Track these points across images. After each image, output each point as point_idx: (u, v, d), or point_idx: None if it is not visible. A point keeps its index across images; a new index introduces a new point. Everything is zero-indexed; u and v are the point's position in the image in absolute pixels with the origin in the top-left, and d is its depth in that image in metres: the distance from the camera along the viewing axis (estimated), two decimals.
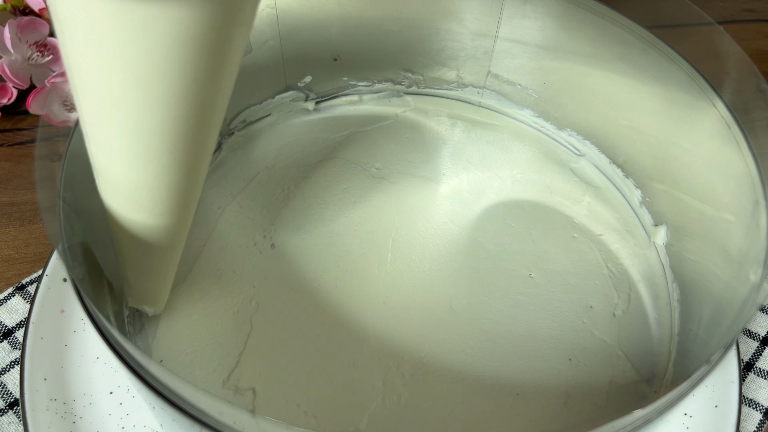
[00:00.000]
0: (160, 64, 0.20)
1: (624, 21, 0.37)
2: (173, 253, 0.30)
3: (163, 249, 0.28)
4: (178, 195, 0.25)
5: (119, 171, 0.24)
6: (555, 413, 0.33)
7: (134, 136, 0.22)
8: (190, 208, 0.27)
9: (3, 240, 0.41)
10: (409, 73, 0.48)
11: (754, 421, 0.35)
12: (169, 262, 0.30)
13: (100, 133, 0.23)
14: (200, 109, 0.22)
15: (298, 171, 0.44)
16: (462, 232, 0.41)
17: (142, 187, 0.24)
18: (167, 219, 0.26)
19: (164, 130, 0.22)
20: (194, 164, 0.24)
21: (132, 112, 0.21)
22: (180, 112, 0.21)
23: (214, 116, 0.23)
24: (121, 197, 0.25)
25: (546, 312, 0.37)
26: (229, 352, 0.34)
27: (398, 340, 0.35)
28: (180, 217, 0.27)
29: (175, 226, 0.27)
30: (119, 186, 0.25)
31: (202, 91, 0.21)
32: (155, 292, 0.32)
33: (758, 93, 0.33)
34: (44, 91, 0.43)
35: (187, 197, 0.26)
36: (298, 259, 0.39)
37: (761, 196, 0.31)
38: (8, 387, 0.34)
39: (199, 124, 0.23)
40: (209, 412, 0.22)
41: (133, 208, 0.26)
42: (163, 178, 0.24)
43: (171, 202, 0.25)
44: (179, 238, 0.29)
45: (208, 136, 0.24)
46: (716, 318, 0.32)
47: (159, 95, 0.21)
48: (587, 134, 0.45)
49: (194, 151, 0.24)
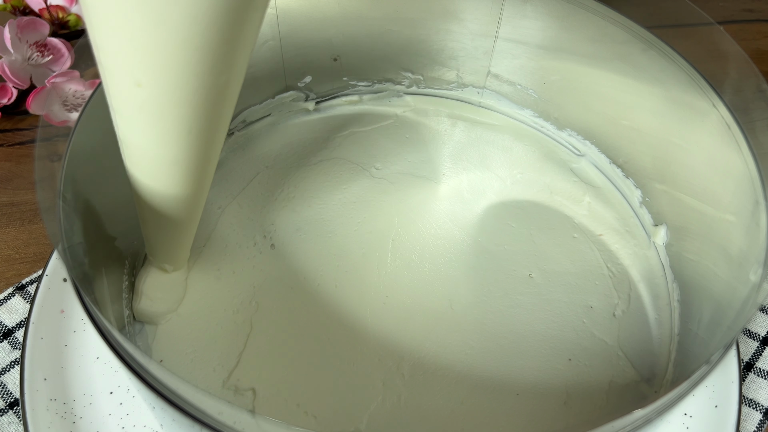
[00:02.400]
0: (183, 40, 0.21)
1: (624, 21, 0.37)
2: (190, 218, 0.31)
3: (180, 215, 0.30)
4: (195, 167, 0.27)
5: (142, 143, 0.26)
6: (555, 413, 0.33)
7: (157, 112, 0.24)
8: (206, 180, 0.29)
9: (3, 240, 0.41)
10: (409, 73, 0.48)
11: (754, 421, 0.35)
12: (186, 227, 0.32)
13: (124, 108, 0.24)
14: (217, 87, 0.24)
15: (298, 171, 0.44)
16: (462, 232, 0.41)
17: (163, 159, 0.26)
18: (185, 188, 0.28)
19: (185, 107, 0.24)
20: (211, 140, 0.26)
21: (155, 89, 0.23)
22: (199, 91, 0.23)
23: (229, 96, 0.25)
24: (143, 167, 0.27)
25: (546, 312, 0.37)
26: (229, 352, 0.34)
27: (398, 340, 0.35)
28: (196, 187, 0.28)
29: (191, 196, 0.29)
30: (141, 156, 0.27)
31: (219, 69, 0.23)
32: (175, 252, 0.34)
33: (758, 93, 0.33)
34: (44, 91, 0.43)
35: (203, 169, 0.28)
36: (298, 259, 0.39)
37: (761, 196, 0.31)
38: (8, 387, 0.34)
39: (215, 102, 0.24)
40: (209, 412, 0.22)
41: (155, 177, 0.27)
42: (183, 151, 0.26)
43: (188, 174, 0.27)
44: (196, 206, 0.30)
45: (224, 114, 0.26)
46: (716, 318, 0.32)
47: (181, 74, 0.22)
48: (587, 134, 0.45)
49: (211, 127, 0.25)
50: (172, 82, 0.23)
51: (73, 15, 0.52)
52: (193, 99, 0.24)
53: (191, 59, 0.22)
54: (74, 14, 0.52)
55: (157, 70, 0.22)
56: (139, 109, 0.24)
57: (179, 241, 0.33)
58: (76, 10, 0.52)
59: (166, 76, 0.22)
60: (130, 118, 0.25)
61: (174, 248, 0.34)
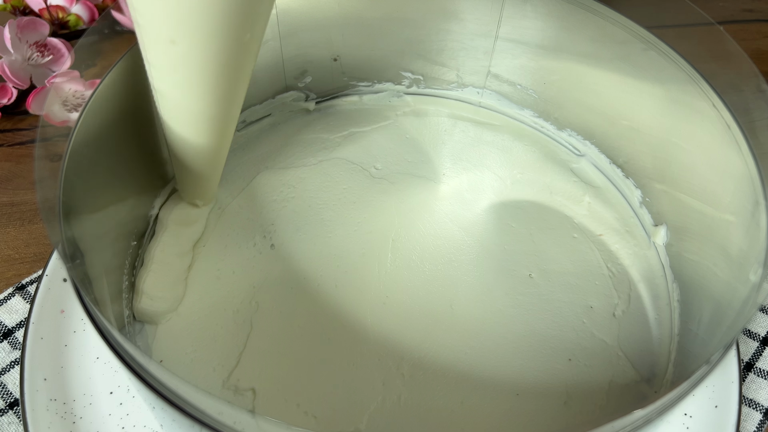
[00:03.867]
0: (212, 2, 0.25)
1: (624, 21, 0.37)
2: (217, 159, 0.35)
3: (208, 155, 0.34)
4: (221, 115, 0.31)
5: (176, 93, 0.30)
6: (555, 413, 0.33)
7: (189, 66, 0.28)
8: (230, 127, 0.33)
9: (3, 240, 0.41)
10: (409, 73, 0.48)
11: (754, 421, 0.35)
12: (214, 167, 0.36)
13: (160, 62, 0.28)
14: (241, 45, 0.28)
15: (298, 171, 0.44)
16: (462, 232, 0.41)
17: (194, 107, 0.30)
18: (212, 133, 0.32)
19: (214, 61, 0.28)
20: (235, 91, 0.31)
21: (188, 45, 0.26)
22: (226, 47, 0.27)
23: (251, 54, 0.29)
24: (176, 114, 0.31)
25: (546, 312, 0.37)
26: (229, 352, 0.35)
27: (398, 340, 0.35)
28: (222, 132, 0.33)
29: (218, 139, 0.33)
30: (175, 105, 0.31)
31: (243, 28, 0.27)
32: (204, 189, 0.38)
33: (758, 93, 0.33)
34: (44, 91, 0.43)
35: (228, 118, 0.32)
36: (297, 259, 0.39)
37: (761, 196, 0.31)
38: (8, 387, 0.34)
39: (239, 58, 0.28)
40: (209, 412, 0.22)
41: (186, 123, 0.31)
42: (211, 100, 0.30)
43: (215, 120, 0.31)
44: (221, 148, 0.34)
45: (245, 69, 0.30)
46: (716, 318, 0.32)
47: (210, 32, 0.26)
48: (587, 134, 0.44)
49: (235, 79, 0.30)
50: (202, 40, 0.26)
51: (73, 15, 0.52)
52: (220, 54, 0.27)
53: (219, 19, 0.26)
54: (74, 14, 0.52)
55: (189, 29, 0.26)
56: (173, 63, 0.28)
57: (208, 179, 0.37)
58: (76, 10, 0.52)
59: (197, 34, 0.26)
60: (164, 71, 0.29)
61: (203, 186, 0.38)
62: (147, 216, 0.39)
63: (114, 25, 0.44)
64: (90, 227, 0.31)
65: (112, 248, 0.35)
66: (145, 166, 0.38)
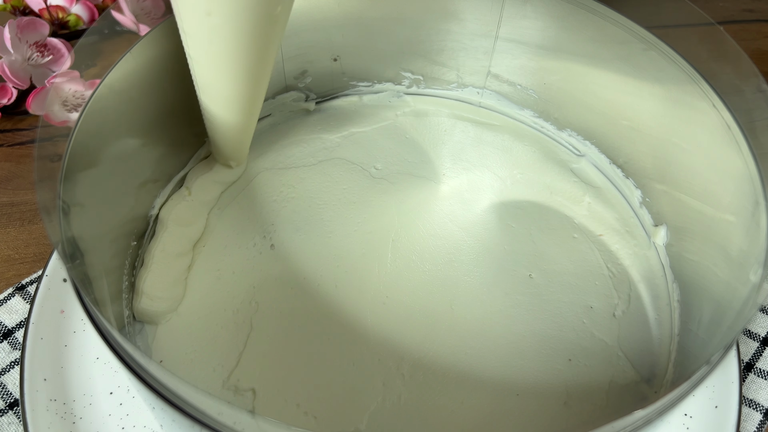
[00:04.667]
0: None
1: (624, 21, 0.37)
2: (248, 124, 0.38)
3: (240, 120, 0.37)
4: (252, 81, 0.34)
5: (211, 62, 0.32)
6: (555, 413, 0.33)
7: (224, 36, 0.30)
8: (260, 93, 0.36)
9: (3, 240, 0.41)
10: (409, 73, 0.48)
11: (754, 421, 0.35)
12: (245, 130, 0.39)
13: (196, 32, 0.31)
14: (272, 18, 0.31)
15: (298, 171, 0.44)
16: (462, 232, 0.41)
17: (228, 74, 0.33)
18: (244, 99, 0.35)
19: (247, 32, 0.30)
20: (265, 60, 0.33)
21: (223, 17, 0.29)
22: (259, 18, 0.30)
23: (280, 25, 0.32)
24: (210, 80, 0.34)
25: (546, 312, 0.37)
26: (229, 352, 0.35)
27: (398, 341, 0.35)
28: (253, 98, 0.36)
29: (249, 105, 0.36)
30: (210, 72, 0.33)
31: (274, 1, 0.30)
32: (236, 151, 0.40)
33: (758, 93, 0.33)
34: (44, 91, 0.43)
35: (258, 84, 0.35)
36: (297, 260, 0.39)
37: (761, 196, 0.31)
38: (8, 387, 0.34)
39: (270, 28, 0.31)
40: (209, 412, 0.22)
41: (220, 89, 0.34)
42: (243, 68, 0.32)
43: (247, 86, 0.34)
44: (251, 115, 0.37)
45: (275, 39, 0.33)
46: (716, 318, 0.32)
47: (244, 4, 0.29)
48: (587, 134, 0.44)
49: (266, 48, 0.32)
50: (237, 12, 0.29)
51: (73, 15, 0.52)
52: (253, 25, 0.30)
53: (254, 19, 0.29)
54: (74, 14, 0.52)
55: (225, 1, 0.28)
56: (208, 33, 0.30)
57: (240, 141, 0.39)
58: (76, 10, 0.52)
59: (232, 6, 0.28)
60: (200, 41, 0.31)
61: (236, 148, 0.40)
62: (147, 216, 0.39)
63: (114, 25, 0.44)
64: (90, 227, 0.31)
65: (112, 248, 0.35)
66: (145, 166, 0.38)
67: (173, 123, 0.39)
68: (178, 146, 0.41)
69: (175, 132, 0.39)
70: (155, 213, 0.39)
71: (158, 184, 0.40)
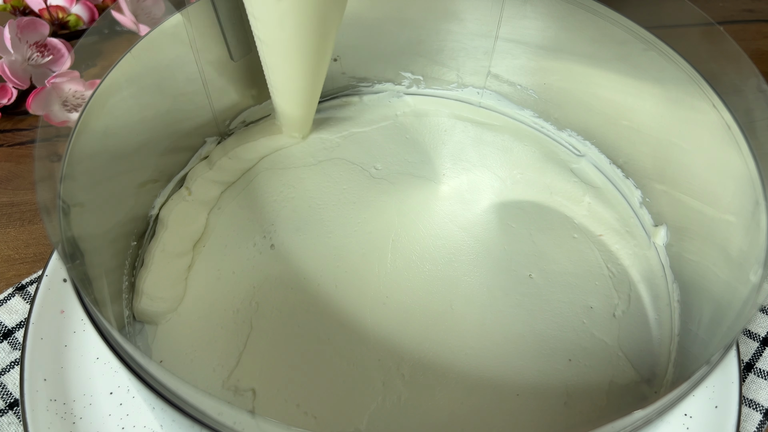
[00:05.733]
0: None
1: (624, 21, 0.37)
2: (312, 99, 0.41)
3: (304, 97, 0.40)
4: (316, 61, 0.37)
5: (281, 44, 0.35)
6: (555, 413, 0.33)
7: (294, 20, 0.33)
8: (322, 73, 0.39)
9: (3, 240, 0.41)
10: (409, 73, 0.48)
11: (754, 421, 0.35)
12: (309, 105, 0.42)
13: (267, 17, 0.34)
14: (331, 22, 0.35)
15: (298, 171, 0.44)
16: (462, 232, 0.41)
17: (296, 54, 0.36)
18: (307, 79, 0.39)
19: (315, 13, 0.34)
20: (327, 43, 0.37)
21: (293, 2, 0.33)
22: (323, 5, 0.34)
23: (340, 8, 0.36)
24: (279, 61, 0.37)
25: (546, 312, 0.37)
26: (229, 352, 0.35)
27: (398, 341, 0.35)
28: (317, 74, 0.39)
29: (312, 83, 0.39)
30: (279, 53, 0.36)
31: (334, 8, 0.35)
32: (301, 123, 0.44)
33: (758, 93, 0.33)
34: (44, 91, 0.43)
35: (321, 64, 0.38)
36: (297, 260, 0.39)
37: (761, 196, 0.31)
38: (8, 387, 0.34)
39: (333, 12, 0.35)
40: (209, 412, 0.22)
41: (288, 69, 0.38)
42: (309, 48, 0.36)
43: (312, 66, 0.37)
44: (315, 90, 0.40)
45: (335, 24, 0.36)
46: (716, 318, 0.32)
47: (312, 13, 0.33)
48: (587, 134, 0.44)
49: (329, 31, 0.36)
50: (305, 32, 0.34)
51: (73, 15, 0.52)
52: (319, 7, 0.33)
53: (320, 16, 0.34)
54: (74, 14, 0.52)
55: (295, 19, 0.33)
56: (279, 17, 0.33)
57: (305, 114, 0.43)
58: (76, 10, 0.52)
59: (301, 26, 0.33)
60: (270, 24, 0.34)
61: (301, 120, 0.43)
62: (147, 216, 0.39)
63: (114, 25, 0.44)
64: (90, 227, 0.31)
65: (112, 248, 0.35)
66: (145, 166, 0.38)
67: (173, 123, 0.39)
68: (178, 146, 0.41)
69: (175, 132, 0.39)
70: (155, 213, 0.39)
71: (158, 184, 0.40)
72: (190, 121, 0.40)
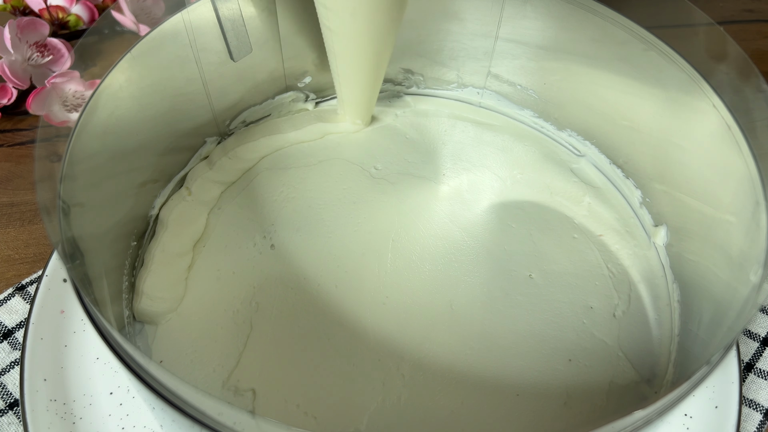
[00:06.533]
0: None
1: (624, 21, 0.37)
2: (374, 88, 0.43)
3: (368, 86, 0.42)
4: (380, 51, 0.39)
5: (353, 37, 0.38)
6: (555, 414, 0.33)
7: (368, 12, 0.36)
8: (384, 63, 0.41)
9: (3, 240, 0.41)
10: (409, 74, 0.48)
11: (754, 421, 0.35)
12: (371, 94, 0.44)
13: (341, 10, 0.36)
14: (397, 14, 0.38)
15: (298, 171, 0.44)
16: (462, 232, 0.41)
17: (364, 45, 0.38)
18: (372, 70, 0.41)
19: (385, 9, 0.36)
20: (391, 37, 0.39)
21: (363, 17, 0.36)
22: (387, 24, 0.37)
23: (400, 19, 0.38)
24: (344, 49, 0.39)
25: (546, 312, 0.37)
26: (229, 352, 0.34)
27: (398, 341, 0.35)
28: (378, 67, 0.41)
29: (375, 74, 0.42)
30: (348, 43, 0.38)
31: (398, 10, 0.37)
32: (363, 111, 0.45)
33: (758, 93, 0.33)
34: (44, 92, 0.43)
35: (384, 57, 0.40)
36: (297, 260, 0.39)
37: (761, 196, 0.31)
38: (8, 387, 0.34)
39: (394, 22, 0.38)
40: (209, 412, 0.22)
41: (353, 58, 0.40)
42: (375, 41, 0.38)
43: (377, 56, 0.40)
44: (377, 80, 0.43)
45: (400, 17, 0.38)
46: (716, 319, 0.32)
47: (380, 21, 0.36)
48: (587, 134, 0.44)
49: (393, 26, 0.38)
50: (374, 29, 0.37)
51: (73, 15, 0.52)
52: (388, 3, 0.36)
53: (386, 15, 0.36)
54: (74, 14, 0.52)
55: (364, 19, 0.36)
56: (351, 8, 0.35)
57: (368, 102, 0.45)
58: (76, 10, 0.52)
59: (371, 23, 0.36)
60: (341, 15, 0.36)
61: (364, 108, 0.45)
62: (147, 216, 0.39)
63: (114, 25, 0.44)
64: (90, 227, 0.31)
65: (112, 248, 0.35)
66: (145, 166, 0.38)
67: (173, 123, 0.39)
68: (178, 146, 0.41)
69: (175, 132, 0.39)
70: (155, 213, 0.39)
71: (158, 184, 0.40)
72: (190, 121, 0.40)
